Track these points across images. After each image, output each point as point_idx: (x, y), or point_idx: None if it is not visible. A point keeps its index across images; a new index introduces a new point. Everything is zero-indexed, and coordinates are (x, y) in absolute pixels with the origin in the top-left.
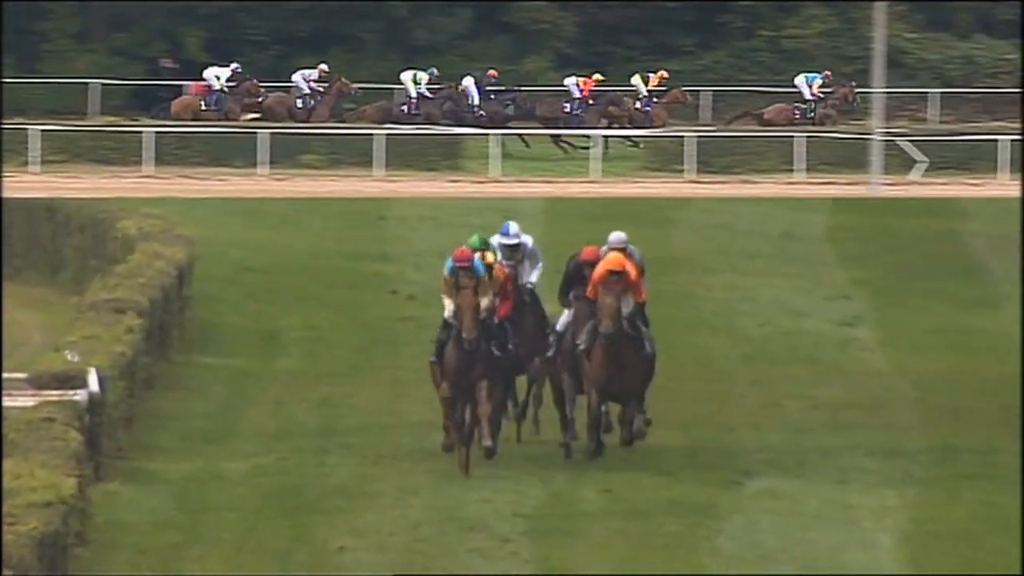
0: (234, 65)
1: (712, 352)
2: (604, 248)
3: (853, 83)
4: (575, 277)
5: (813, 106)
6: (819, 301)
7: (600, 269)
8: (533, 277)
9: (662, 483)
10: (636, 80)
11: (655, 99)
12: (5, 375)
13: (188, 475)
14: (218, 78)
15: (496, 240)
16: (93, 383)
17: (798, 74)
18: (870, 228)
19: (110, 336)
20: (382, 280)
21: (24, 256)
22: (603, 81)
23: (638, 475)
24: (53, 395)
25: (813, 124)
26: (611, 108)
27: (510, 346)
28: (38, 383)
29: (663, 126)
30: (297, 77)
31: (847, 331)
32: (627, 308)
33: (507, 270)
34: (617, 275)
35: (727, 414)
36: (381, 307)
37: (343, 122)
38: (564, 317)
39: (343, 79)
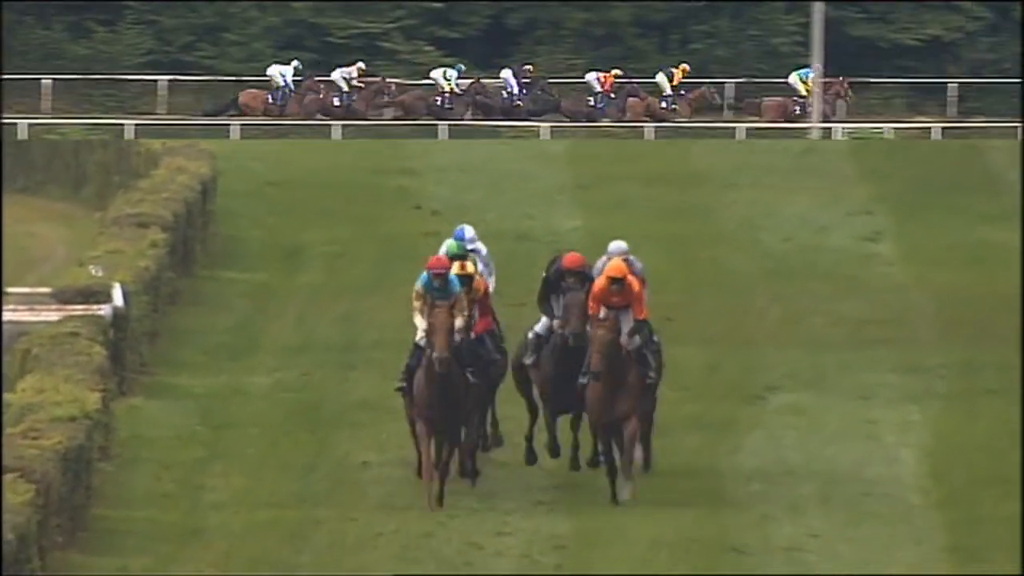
0: (295, 63)
1: (733, 267)
2: (603, 258)
3: (842, 78)
4: (554, 284)
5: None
6: (841, 216)
7: (601, 279)
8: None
9: (682, 398)
10: (660, 77)
11: (682, 93)
12: (29, 289)
13: (211, 390)
14: (282, 75)
15: (448, 245)
16: (117, 298)
17: (791, 72)
18: (891, 143)
19: (134, 251)
20: (405, 195)
21: (46, 170)
22: (620, 76)
23: (659, 390)
24: (77, 310)
25: (808, 118)
26: (631, 100)
27: (497, 356)
28: (62, 298)
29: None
30: (336, 75)
31: (869, 246)
32: (627, 325)
33: (487, 282)
34: (618, 283)
35: (748, 329)
36: (403, 222)
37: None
38: (543, 321)
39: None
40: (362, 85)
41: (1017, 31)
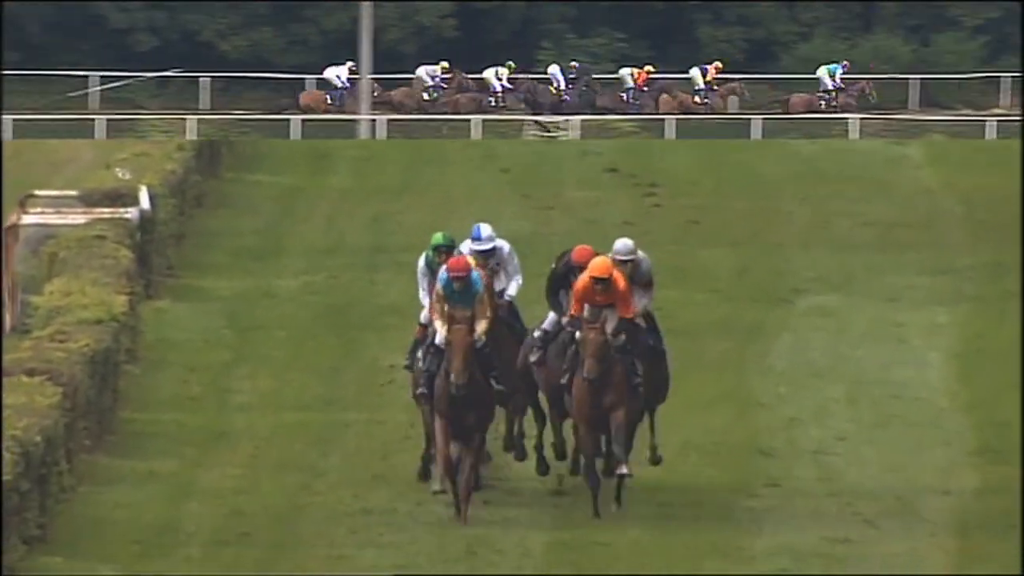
0: (350, 63)
1: (761, 170)
2: (609, 255)
3: (865, 75)
4: (563, 278)
5: (835, 95)
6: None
7: (584, 277)
8: (512, 290)
9: (711, 301)
10: (694, 72)
11: (714, 89)
12: (56, 192)
13: (238, 293)
14: (338, 76)
15: (466, 246)
16: (144, 201)
17: (819, 66)
18: None
19: (160, 154)
20: None
21: None
22: (652, 72)
23: (687, 293)
24: (104, 213)
25: (836, 112)
26: (664, 96)
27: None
28: (89, 200)
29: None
30: (421, 71)
31: (896, 148)
32: (612, 323)
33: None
34: (602, 282)
35: (776, 232)
36: None
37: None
38: (551, 317)
39: (462, 73)
40: (444, 85)
41: None
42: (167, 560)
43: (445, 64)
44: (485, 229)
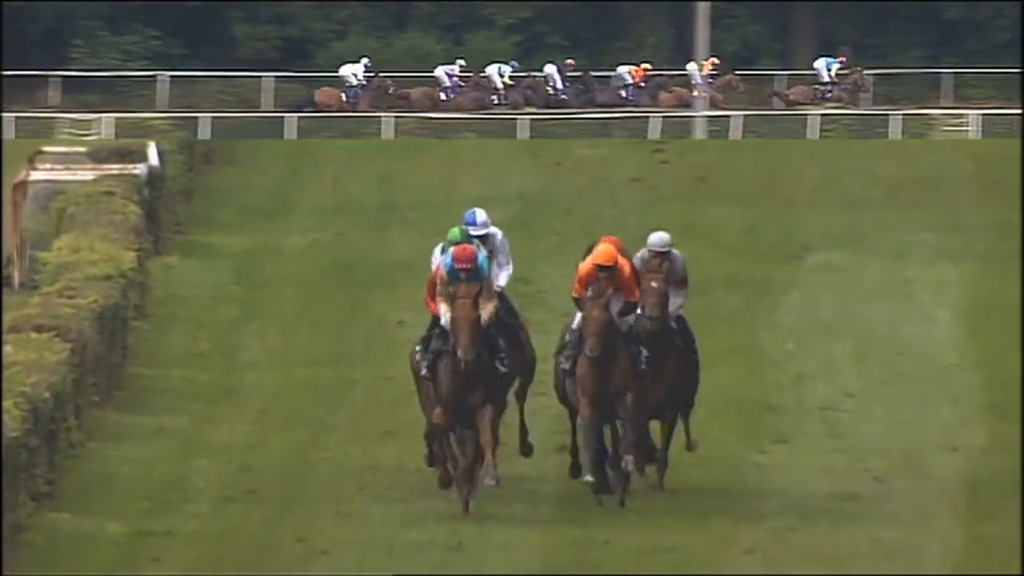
0: (365, 60)
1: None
2: (643, 250)
3: (859, 68)
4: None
5: (831, 88)
6: None
7: (588, 263)
8: (502, 280)
9: (720, 258)
10: (691, 67)
11: (710, 82)
12: (65, 149)
13: (246, 249)
14: (354, 75)
15: (451, 232)
16: (152, 157)
17: (817, 58)
18: None
19: None
20: None
21: None
22: (649, 68)
23: (695, 249)
24: (113, 169)
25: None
26: (662, 94)
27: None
28: (98, 157)
29: (718, 108)
30: (439, 71)
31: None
32: (616, 305)
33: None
34: (607, 270)
35: (784, 189)
36: None
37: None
38: (579, 317)
39: (480, 72)
40: (462, 84)
41: None
42: (175, 516)
43: (462, 63)
44: (480, 215)
